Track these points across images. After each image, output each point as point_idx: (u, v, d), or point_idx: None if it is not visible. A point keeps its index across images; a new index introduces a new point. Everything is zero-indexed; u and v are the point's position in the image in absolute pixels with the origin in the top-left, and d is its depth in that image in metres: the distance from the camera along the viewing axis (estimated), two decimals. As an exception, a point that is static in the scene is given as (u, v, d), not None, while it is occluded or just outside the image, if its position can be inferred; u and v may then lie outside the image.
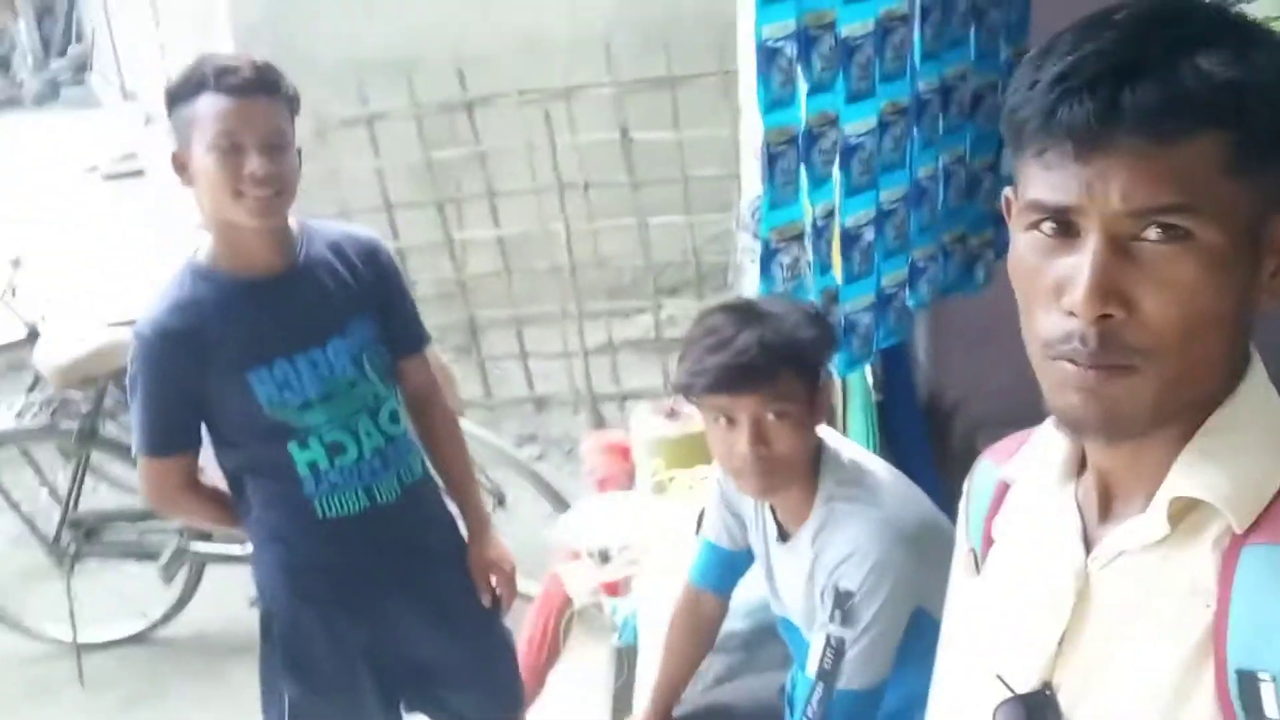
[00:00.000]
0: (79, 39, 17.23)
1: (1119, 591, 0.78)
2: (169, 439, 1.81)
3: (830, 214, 1.94)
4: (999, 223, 2.51)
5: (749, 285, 2.49)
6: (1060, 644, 0.81)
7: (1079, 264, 0.71)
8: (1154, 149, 0.68)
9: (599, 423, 4.53)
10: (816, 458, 1.62)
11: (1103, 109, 0.68)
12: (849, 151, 1.93)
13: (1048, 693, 0.81)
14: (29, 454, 3.49)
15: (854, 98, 1.92)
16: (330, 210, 4.18)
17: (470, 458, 2.12)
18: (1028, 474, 0.89)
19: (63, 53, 18.17)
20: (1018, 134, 0.74)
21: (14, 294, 3.58)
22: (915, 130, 2.10)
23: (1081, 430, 0.77)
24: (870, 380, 2.39)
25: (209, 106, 1.66)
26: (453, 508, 2.10)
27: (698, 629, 1.91)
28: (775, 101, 1.78)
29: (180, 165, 1.73)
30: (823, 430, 1.65)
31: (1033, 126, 0.72)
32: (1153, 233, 0.70)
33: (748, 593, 1.95)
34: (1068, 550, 0.82)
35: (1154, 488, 0.77)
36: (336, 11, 5.15)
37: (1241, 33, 0.71)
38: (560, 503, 3.14)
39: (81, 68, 17.05)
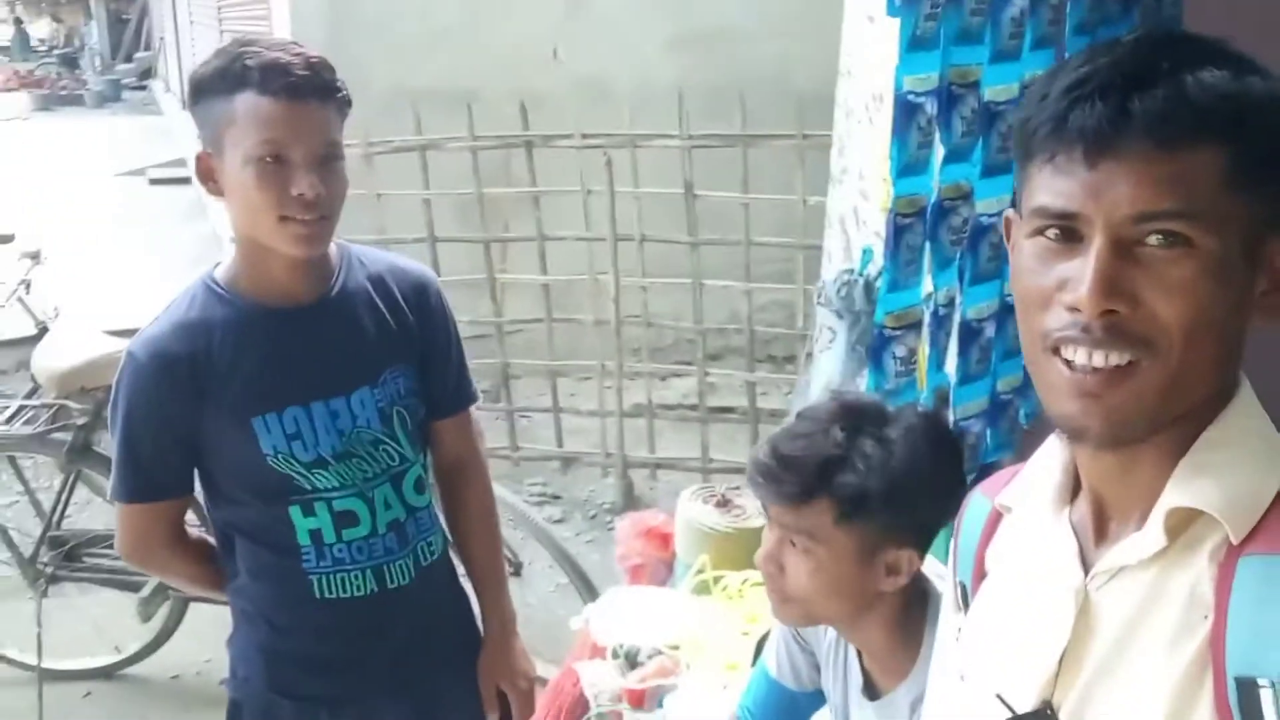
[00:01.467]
0: (147, 47, 17.48)
1: (1118, 608, 0.79)
2: (153, 483, 1.53)
3: (951, 302, 1.67)
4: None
5: (825, 368, 2.22)
6: (1060, 662, 0.82)
7: (1083, 265, 0.73)
8: (1159, 154, 0.71)
9: (628, 489, 4.25)
10: (925, 604, 1.32)
11: (1113, 113, 0.72)
12: (980, 232, 1.67)
13: (1049, 711, 0.82)
14: (15, 462, 3.25)
15: (990, 171, 1.66)
16: (369, 237, 3.97)
17: (503, 548, 1.81)
18: (1022, 501, 0.90)
19: (129, 59, 18.47)
20: (1028, 144, 0.78)
21: (28, 289, 3.37)
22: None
23: (1082, 437, 0.78)
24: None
25: (250, 108, 1.37)
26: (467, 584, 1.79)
27: (743, 774, 1.60)
28: (909, 165, 1.53)
29: (206, 172, 1.45)
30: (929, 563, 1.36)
31: (1044, 133, 0.76)
32: (1154, 239, 0.72)
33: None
34: (1066, 571, 0.83)
35: (1149, 503, 0.78)
36: (400, 36, 5.03)
37: (1238, 58, 0.75)
38: (580, 578, 2.86)
39: (146, 74, 17.30)
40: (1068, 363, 0.75)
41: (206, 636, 3.05)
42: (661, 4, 5.24)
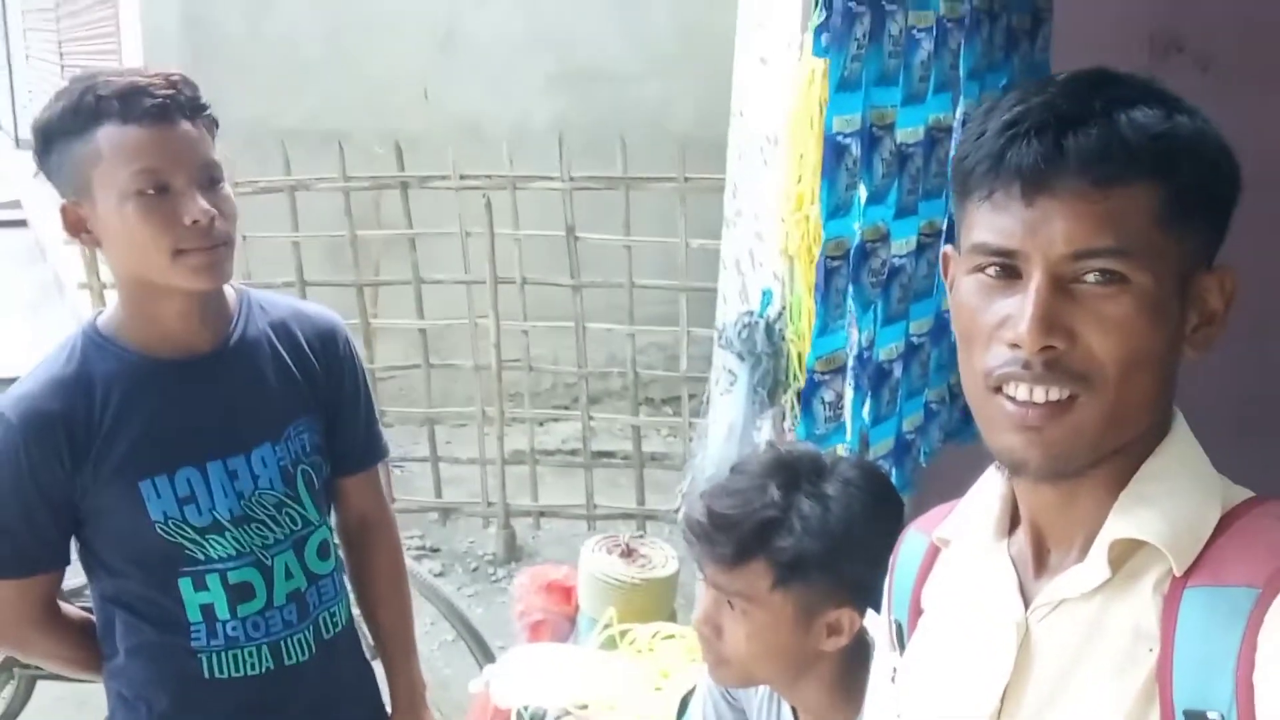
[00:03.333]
0: (-21, 85, 16.44)
1: (1060, 640, 0.79)
2: (23, 556, 1.36)
3: (871, 344, 1.66)
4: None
5: (726, 412, 2.19)
6: (1003, 699, 0.81)
7: (1022, 302, 0.74)
8: (1094, 193, 0.73)
9: (510, 539, 4.13)
10: (863, 655, 1.28)
11: (1048, 151, 0.73)
12: (893, 274, 1.66)
13: None
14: None
15: (901, 213, 1.67)
16: (235, 282, 3.77)
17: (412, 611, 1.68)
18: (960, 535, 0.90)
19: (-40, 97, 17.31)
20: (964, 181, 0.79)
21: None
22: (949, 256, 1.86)
23: (1023, 470, 0.78)
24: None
25: (116, 141, 1.25)
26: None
27: (674, 841, 1.52)
28: (838, 207, 1.51)
29: (76, 223, 1.31)
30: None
31: (981, 170, 0.77)
32: (1091, 276, 0.74)
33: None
34: (1006, 604, 0.83)
35: (1090, 535, 0.79)
36: (263, 72, 4.84)
37: (1168, 98, 0.77)
38: (472, 635, 2.73)
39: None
40: (1010, 398, 0.76)
41: (55, 717, 2.80)
42: (538, 42, 5.19)
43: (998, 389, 0.76)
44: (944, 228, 1.82)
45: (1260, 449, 1.76)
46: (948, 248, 0.85)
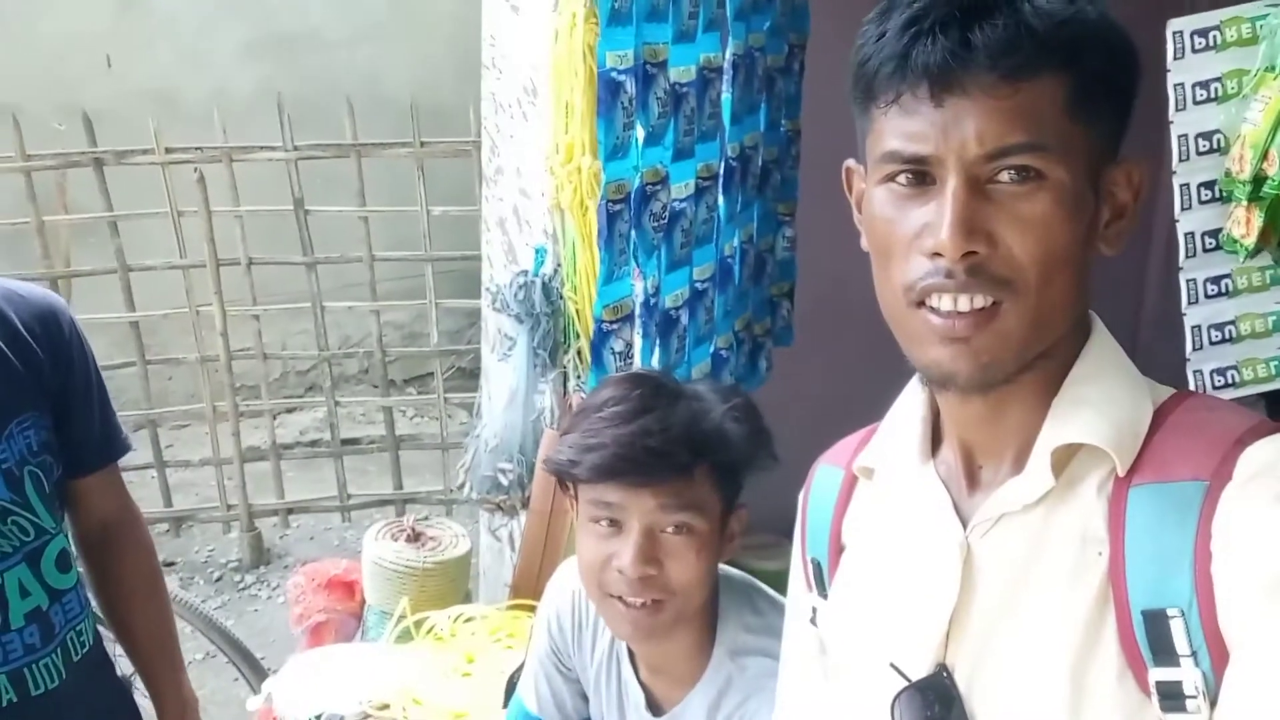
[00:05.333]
0: None
1: (1004, 556, 0.77)
2: None
3: (657, 290, 1.62)
4: (774, 310, 2.32)
5: (506, 378, 2.09)
6: (950, 622, 0.79)
7: (939, 208, 0.72)
8: (1004, 87, 0.70)
9: (257, 541, 3.83)
10: (714, 597, 1.24)
11: (955, 46, 0.70)
12: (674, 218, 1.63)
13: (944, 674, 0.79)
14: None
15: (679, 155, 1.63)
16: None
17: (173, 618, 1.50)
18: (882, 461, 0.87)
19: None
20: (868, 87, 0.75)
21: None
22: (722, 200, 1.85)
23: (951, 383, 0.76)
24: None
25: None
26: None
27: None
28: (616, 147, 1.45)
29: None
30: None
31: (886, 72, 0.73)
32: (1006, 175, 0.72)
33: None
34: (943, 525, 0.80)
35: (1022, 446, 0.77)
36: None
37: None
38: (233, 646, 2.48)
39: None
40: (934, 310, 0.73)
41: None
42: (230, 6, 4.77)
43: (920, 303, 0.74)
44: (719, 171, 1.80)
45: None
46: (849, 161, 0.82)
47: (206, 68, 4.69)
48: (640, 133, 1.50)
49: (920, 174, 0.73)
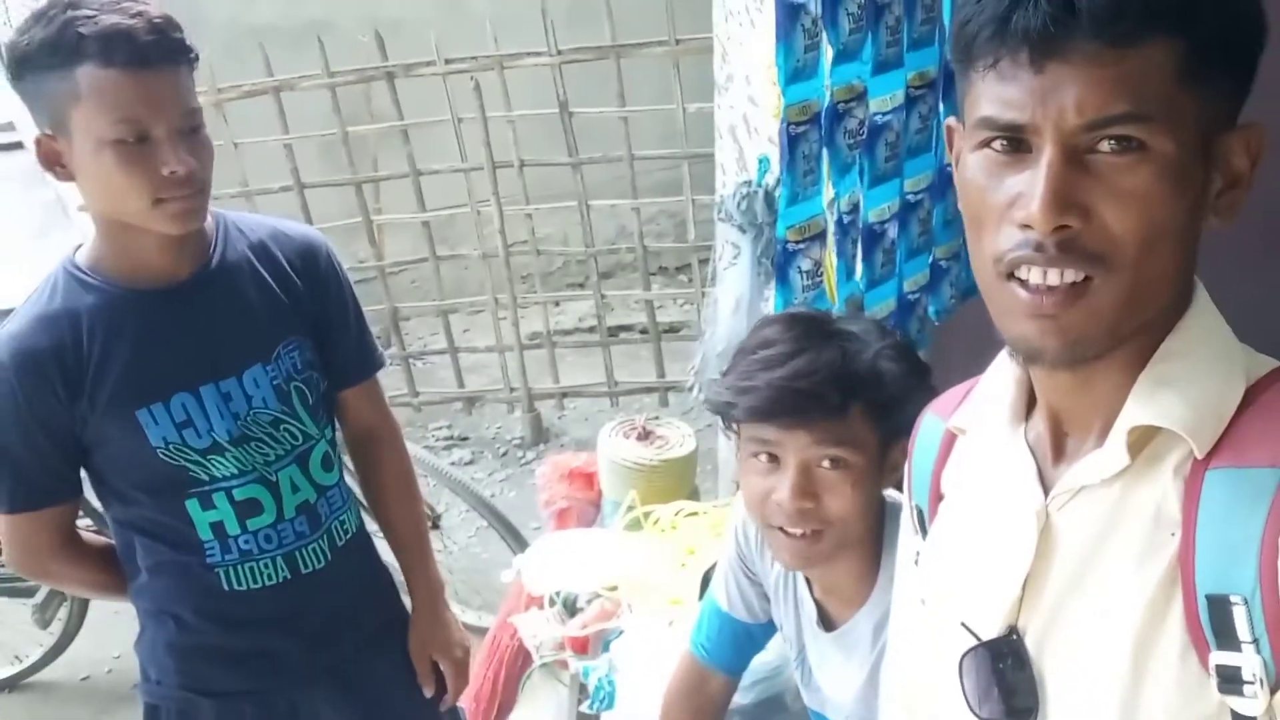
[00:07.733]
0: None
1: (1081, 528, 0.77)
2: (34, 491, 1.40)
3: (855, 208, 1.61)
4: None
5: (733, 285, 2.15)
6: (1024, 587, 0.80)
7: (1033, 178, 0.69)
8: (1108, 54, 0.67)
9: (536, 422, 4.18)
10: (880, 525, 1.28)
11: (1058, 11, 0.67)
12: (876, 132, 1.60)
13: (1014, 637, 0.80)
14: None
15: (881, 67, 1.59)
16: (230, 190, 3.73)
17: (425, 514, 1.73)
18: (976, 423, 0.87)
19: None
20: (967, 49, 0.73)
21: None
22: (943, 106, 1.79)
23: (1038, 357, 0.75)
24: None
25: (96, 84, 1.22)
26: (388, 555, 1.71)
27: (701, 711, 1.57)
28: (797, 70, 1.44)
29: (51, 156, 1.29)
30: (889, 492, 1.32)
31: (985, 35, 0.71)
32: (1106, 145, 0.69)
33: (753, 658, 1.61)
34: (1025, 492, 0.81)
35: (1109, 419, 0.76)
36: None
37: None
38: (501, 522, 2.79)
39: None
40: (1023, 283, 0.72)
41: (113, 633, 2.93)
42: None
43: (1009, 274, 0.72)
44: (936, 78, 1.74)
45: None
46: (950, 120, 0.80)
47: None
48: (829, 51, 1.48)
49: (1017, 140, 0.71)
